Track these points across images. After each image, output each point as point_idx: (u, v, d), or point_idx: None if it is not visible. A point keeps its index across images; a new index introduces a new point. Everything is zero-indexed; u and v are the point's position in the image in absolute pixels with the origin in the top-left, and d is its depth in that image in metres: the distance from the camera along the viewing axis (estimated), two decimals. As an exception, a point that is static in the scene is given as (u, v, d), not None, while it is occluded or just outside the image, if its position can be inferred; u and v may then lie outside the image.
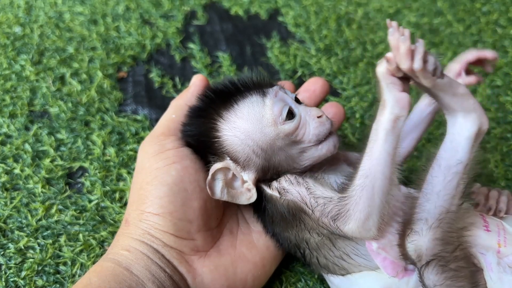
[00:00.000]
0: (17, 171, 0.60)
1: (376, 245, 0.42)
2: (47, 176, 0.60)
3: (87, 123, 0.66)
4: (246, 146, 0.43)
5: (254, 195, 0.44)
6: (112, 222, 0.56)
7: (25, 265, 0.52)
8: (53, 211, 0.57)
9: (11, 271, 0.51)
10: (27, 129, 0.65)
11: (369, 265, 0.44)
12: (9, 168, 0.60)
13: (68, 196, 0.58)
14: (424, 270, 0.40)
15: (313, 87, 0.55)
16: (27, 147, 0.63)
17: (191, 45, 0.79)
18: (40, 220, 0.56)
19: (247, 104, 0.44)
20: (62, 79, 0.72)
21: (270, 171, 0.45)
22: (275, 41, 0.80)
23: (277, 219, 0.45)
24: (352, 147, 0.65)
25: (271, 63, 0.78)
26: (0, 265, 0.52)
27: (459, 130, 0.38)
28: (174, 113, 0.49)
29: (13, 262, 0.52)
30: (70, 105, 0.68)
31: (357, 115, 0.70)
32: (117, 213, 0.57)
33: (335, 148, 0.45)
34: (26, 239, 0.54)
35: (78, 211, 0.57)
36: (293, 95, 0.46)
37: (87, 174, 0.61)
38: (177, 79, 0.74)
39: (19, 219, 0.56)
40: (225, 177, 0.44)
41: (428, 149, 0.53)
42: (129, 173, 0.61)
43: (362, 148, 0.39)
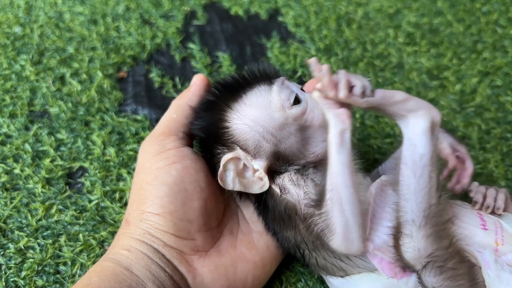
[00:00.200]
0: (17, 171, 0.60)
1: (371, 246, 0.42)
2: (47, 176, 0.60)
3: (87, 123, 0.66)
4: (256, 133, 0.44)
5: (266, 183, 0.45)
6: (112, 222, 0.56)
7: (25, 265, 0.52)
8: (53, 211, 0.57)
9: (11, 271, 0.51)
10: (27, 129, 0.65)
11: (367, 266, 0.44)
12: (9, 168, 0.60)
13: (68, 196, 0.58)
14: (422, 273, 0.41)
15: (314, 87, 0.55)
16: (27, 147, 0.63)
17: (191, 45, 0.79)
18: (40, 220, 0.56)
19: (255, 92, 0.45)
20: (62, 79, 0.72)
21: (280, 159, 0.45)
22: (275, 41, 0.80)
23: (277, 216, 0.45)
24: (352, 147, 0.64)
25: (271, 63, 0.78)
26: (0, 265, 0.52)
27: (412, 130, 0.40)
28: (174, 113, 0.49)
29: (13, 262, 0.52)
30: (70, 105, 0.68)
31: (357, 115, 0.70)
32: (117, 213, 0.57)
33: None
34: (26, 239, 0.54)
35: (78, 211, 0.57)
36: (299, 86, 0.47)
37: (87, 174, 0.61)
38: (177, 79, 0.74)
39: (19, 219, 0.56)
40: (236, 167, 0.44)
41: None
42: (129, 173, 0.61)
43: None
